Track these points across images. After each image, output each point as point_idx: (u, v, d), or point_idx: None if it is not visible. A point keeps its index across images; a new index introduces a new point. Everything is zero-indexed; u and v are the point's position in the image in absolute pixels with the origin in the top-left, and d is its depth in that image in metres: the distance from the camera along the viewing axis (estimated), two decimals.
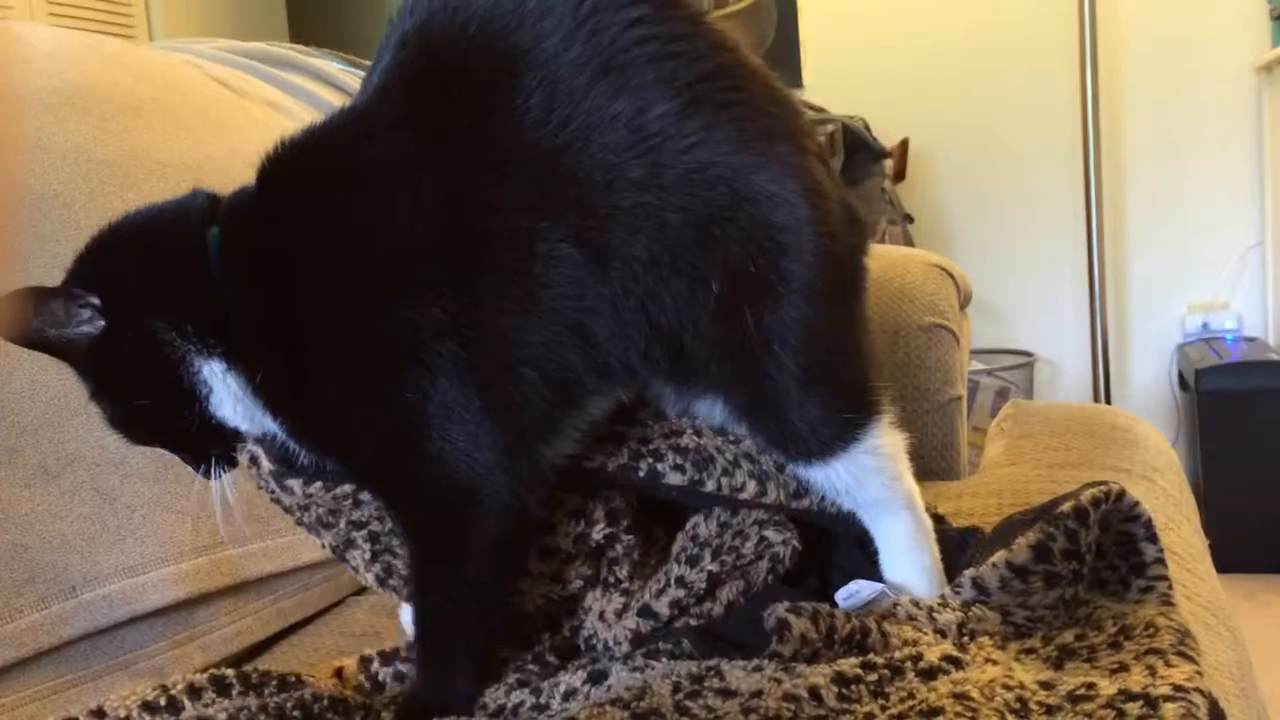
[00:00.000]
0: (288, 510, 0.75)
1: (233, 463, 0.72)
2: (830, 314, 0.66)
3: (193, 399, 0.66)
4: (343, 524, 0.74)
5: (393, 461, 0.66)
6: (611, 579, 0.72)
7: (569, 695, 0.62)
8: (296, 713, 0.65)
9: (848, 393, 0.68)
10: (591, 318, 0.64)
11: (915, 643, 0.59)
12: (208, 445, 0.70)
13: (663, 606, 0.68)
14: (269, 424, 0.68)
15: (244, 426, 0.69)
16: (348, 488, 0.71)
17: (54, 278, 0.83)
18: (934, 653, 0.56)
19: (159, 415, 0.68)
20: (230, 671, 0.70)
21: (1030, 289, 3.01)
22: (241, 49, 1.39)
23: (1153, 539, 0.64)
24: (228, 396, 0.67)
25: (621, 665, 0.63)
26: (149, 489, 0.84)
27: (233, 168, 0.80)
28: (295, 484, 0.71)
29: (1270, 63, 2.67)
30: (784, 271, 0.64)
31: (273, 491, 0.73)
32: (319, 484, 0.71)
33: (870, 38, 3.07)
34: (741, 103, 0.64)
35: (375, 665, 0.76)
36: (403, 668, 0.75)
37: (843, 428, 0.68)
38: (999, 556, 0.63)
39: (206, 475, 0.70)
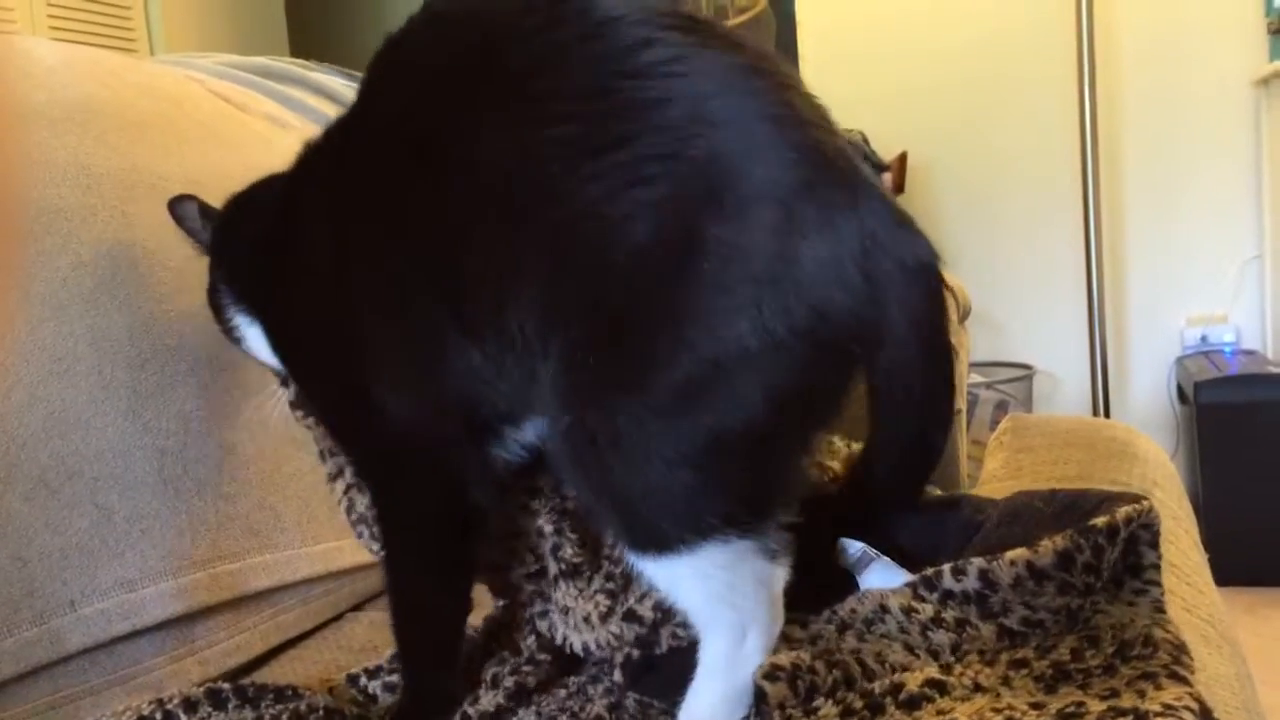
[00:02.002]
0: (316, 438, 0.84)
1: None
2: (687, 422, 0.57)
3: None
4: (342, 456, 0.80)
5: (347, 425, 0.75)
6: (564, 566, 0.72)
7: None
8: None
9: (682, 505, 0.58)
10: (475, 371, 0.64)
11: (897, 668, 0.59)
12: None
13: (646, 610, 0.68)
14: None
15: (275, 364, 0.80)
16: None
17: (55, 292, 0.84)
18: (915, 680, 0.56)
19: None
20: (226, 685, 0.71)
21: (1029, 302, 3.01)
22: (243, 64, 1.39)
23: (1154, 545, 0.63)
24: (257, 340, 0.78)
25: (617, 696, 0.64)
26: (148, 503, 0.85)
27: (234, 182, 0.81)
28: (299, 413, 0.83)
29: (1268, 76, 2.68)
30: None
31: (298, 416, 0.84)
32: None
33: (869, 51, 3.09)
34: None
35: (363, 680, 0.76)
36: (391, 679, 0.75)
37: (672, 532, 0.58)
38: (1019, 554, 0.61)
39: None
